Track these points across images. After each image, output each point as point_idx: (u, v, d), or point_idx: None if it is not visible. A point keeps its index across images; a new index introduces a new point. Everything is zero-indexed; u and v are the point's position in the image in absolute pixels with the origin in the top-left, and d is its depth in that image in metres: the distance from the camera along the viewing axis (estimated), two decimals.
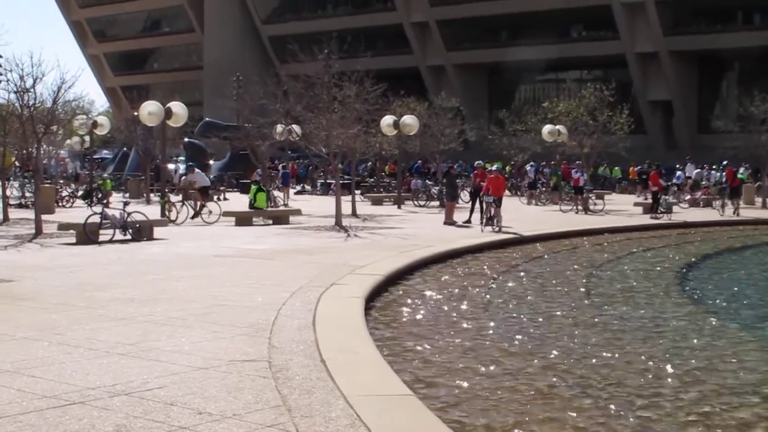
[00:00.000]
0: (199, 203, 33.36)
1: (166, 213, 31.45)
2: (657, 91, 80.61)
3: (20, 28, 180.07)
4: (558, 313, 14.52)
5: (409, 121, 45.02)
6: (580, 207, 39.94)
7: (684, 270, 20.83)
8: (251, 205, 33.42)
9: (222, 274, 16.81)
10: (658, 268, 20.91)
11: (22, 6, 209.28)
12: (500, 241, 24.93)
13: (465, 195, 40.95)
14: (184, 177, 39.97)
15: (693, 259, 23.07)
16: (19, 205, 39.30)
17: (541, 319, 13.86)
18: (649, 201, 38.10)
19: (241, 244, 22.70)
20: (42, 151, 27.90)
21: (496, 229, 27.67)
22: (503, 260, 21.54)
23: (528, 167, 55.16)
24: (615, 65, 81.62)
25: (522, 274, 19.37)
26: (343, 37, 50.99)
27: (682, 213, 37.99)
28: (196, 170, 34.79)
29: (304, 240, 24.33)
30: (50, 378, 8.70)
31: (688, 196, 46.00)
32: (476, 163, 36.38)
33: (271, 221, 31.31)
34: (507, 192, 52.74)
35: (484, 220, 28.40)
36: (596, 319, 13.99)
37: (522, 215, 35.88)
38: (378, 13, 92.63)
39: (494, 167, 34.74)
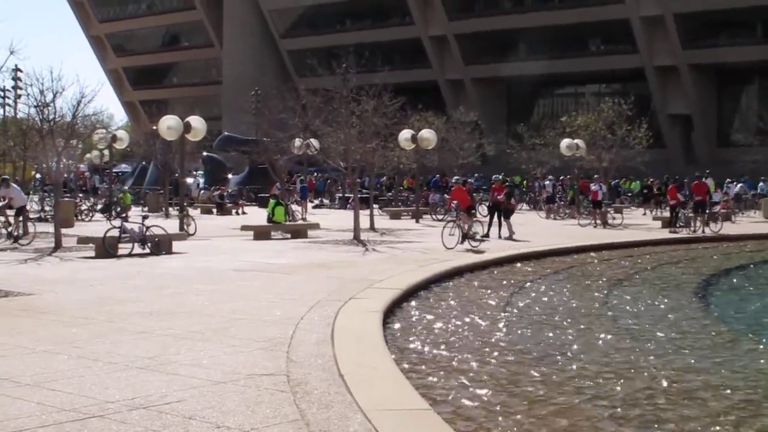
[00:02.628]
0: (15, 224, 28.76)
1: (185, 227, 31.54)
2: (676, 105, 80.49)
3: (40, 43, 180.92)
4: (586, 327, 14.46)
5: (427, 135, 45.08)
6: (598, 221, 39.85)
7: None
8: (269, 219, 33.51)
9: (240, 288, 16.83)
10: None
11: (42, 21, 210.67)
12: (519, 255, 24.86)
13: (483, 209, 40.88)
14: (203, 191, 40.11)
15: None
16: (39, 219, 39.46)
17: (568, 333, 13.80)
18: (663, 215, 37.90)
19: (259, 258, 22.74)
20: (61, 165, 27.98)
21: (476, 244, 26.40)
22: (522, 274, 21.47)
23: (546, 181, 55.11)
24: (634, 79, 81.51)
25: (543, 288, 19.30)
26: (362, 52, 51.27)
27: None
28: (12, 185, 29.37)
29: (323, 254, 24.35)
30: (69, 391, 8.73)
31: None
32: (494, 177, 36.36)
33: (289, 235, 31.36)
34: (525, 206, 52.98)
35: (459, 238, 26.44)
36: (604, 328, 13.94)
37: (540, 229, 35.83)
38: (396, 27, 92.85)
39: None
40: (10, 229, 28.15)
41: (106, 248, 23.32)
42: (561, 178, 57.31)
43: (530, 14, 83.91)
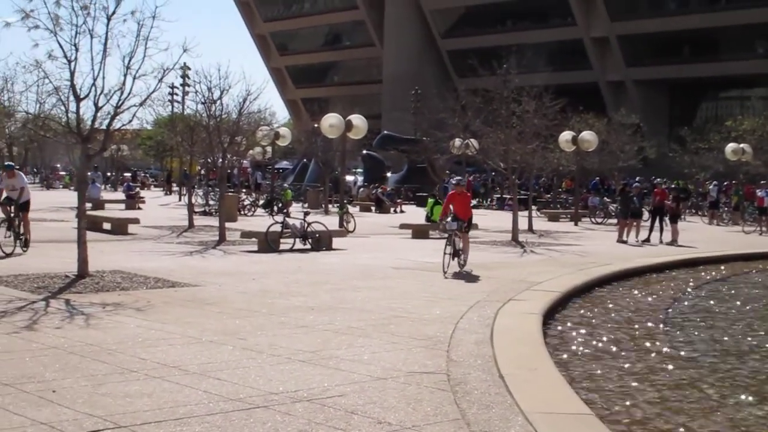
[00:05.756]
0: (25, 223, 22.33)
1: (344, 224, 31.90)
2: None
3: (208, 42, 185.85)
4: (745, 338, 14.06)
5: (588, 137, 44.53)
6: (764, 228, 38.64)
7: None
8: (428, 219, 33.61)
9: (399, 285, 16.92)
10: None
11: (210, 20, 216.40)
12: (681, 261, 24.33)
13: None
14: (362, 189, 40.48)
15: None
16: (203, 213, 40.59)
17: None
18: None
19: (417, 257, 22.82)
20: (226, 161, 28.65)
21: (462, 263, 20.16)
22: (683, 280, 21.00)
23: (711, 186, 53.74)
24: None
25: (703, 294, 18.83)
26: (523, 52, 50.86)
27: None
28: (18, 173, 22.96)
29: (480, 254, 24.27)
30: (235, 381, 8.92)
31: None
32: (656, 180, 35.62)
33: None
34: (690, 211, 51.67)
35: (448, 256, 19.45)
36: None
37: (703, 236, 34.97)
38: (558, 28, 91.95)
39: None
40: (19, 231, 21.85)
41: (268, 243, 23.77)
42: (725, 183, 55.79)
43: (695, 16, 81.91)
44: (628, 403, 9.50)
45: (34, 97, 29.84)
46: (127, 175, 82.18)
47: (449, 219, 20.67)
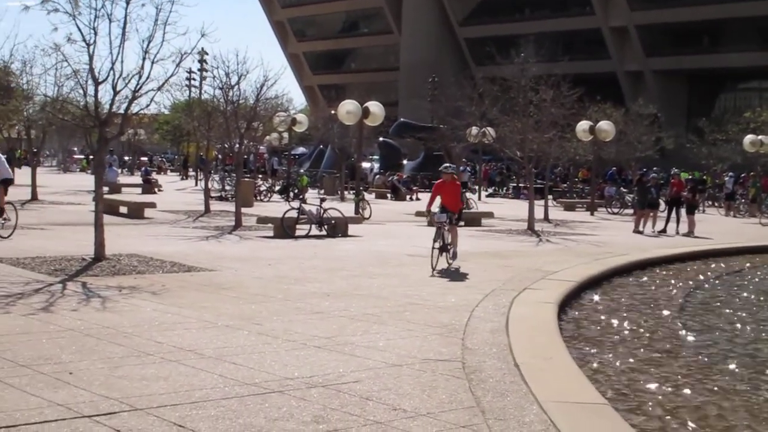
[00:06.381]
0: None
1: (360, 210, 31.92)
2: None
3: (226, 27, 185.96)
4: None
5: (606, 127, 44.40)
6: None
7: None
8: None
9: (414, 272, 16.93)
10: None
11: (229, 6, 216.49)
12: (698, 252, 24.26)
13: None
14: (378, 176, 40.45)
15: None
16: (219, 198, 40.66)
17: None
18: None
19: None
20: (243, 147, 28.69)
21: (451, 258, 18.49)
22: (699, 271, 20.94)
23: (726, 178, 53.50)
24: None
25: (719, 288, 18.78)
26: (541, 41, 50.67)
27: None
28: None
29: (496, 243, 24.28)
30: (250, 366, 8.95)
31: None
32: (673, 171, 35.50)
33: (463, 223, 31.29)
34: (707, 202, 51.49)
35: (437, 250, 17.94)
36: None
37: (719, 227, 34.87)
38: (576, 17, 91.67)
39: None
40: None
41: (284, 229, 23.80)
42: (742, 175, 55.56)
43: (715, 6, 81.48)
44: (643, 393, 9.49)
45: (52, 80, 29.77)
46: (144, 159, 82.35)
47: (437, 210, 19.00)
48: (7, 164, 22.14)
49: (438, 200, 19.26)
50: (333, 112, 45.19)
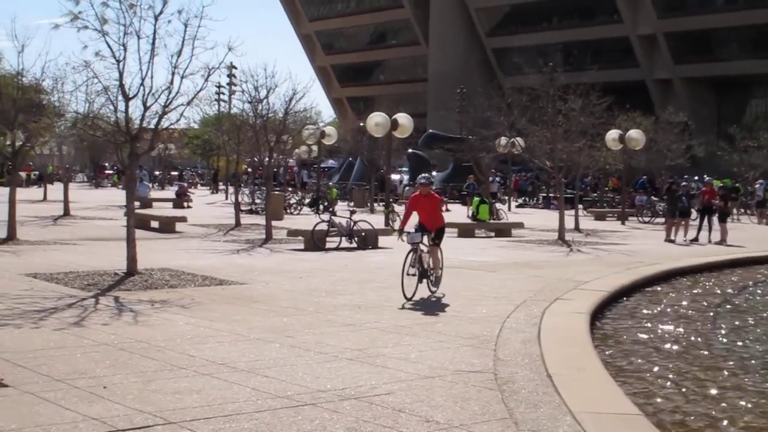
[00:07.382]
0: None
1: (390, 222, 31.92)
2: None
3: (254, 41, 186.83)
4: None
5: (635, 135, 44.19)
6: None
7: None
8: (474, 217, 33.55)
9: (445, 284, 16.84)
10: None
11: (256, 20, 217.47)
12: (730, 261, 24.09)
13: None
14: (407, 187, 40.46)
15: None
16: (250, 211, 40.79)
17: None
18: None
19: (463, 256, 22.75)
20: (272, 160, 28.78)
21: (434, 286, 15.59)
22: (733, 280, 20.79)
23: (757, 185, 53.13)
24: None
25: (754, 295, 18.62)
26: (569, 50, 50.58)
27: None
28: None
29: (527, 253, 24.22)
30: (282, 379, 8.97)
31: None
32: (706, 179, 35.30)
33: (493, 233, 31.33)
34: (735, 210, 51.12)
35: (410, 277, 15.02)
36: None
37: (752, 235, 34.63)
38: (604, 25, 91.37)
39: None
40: None
41: (314, 241, 23.84)
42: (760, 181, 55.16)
43: (743, 12, 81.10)
44: (677, 404, 9.44)
45: (83, 96, 29.98)
46: (175, 173, 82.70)
47: (412, 230, 15.79)
48: None
49: (415, 217, 16.18)
50: (362, 124, 45.32)
